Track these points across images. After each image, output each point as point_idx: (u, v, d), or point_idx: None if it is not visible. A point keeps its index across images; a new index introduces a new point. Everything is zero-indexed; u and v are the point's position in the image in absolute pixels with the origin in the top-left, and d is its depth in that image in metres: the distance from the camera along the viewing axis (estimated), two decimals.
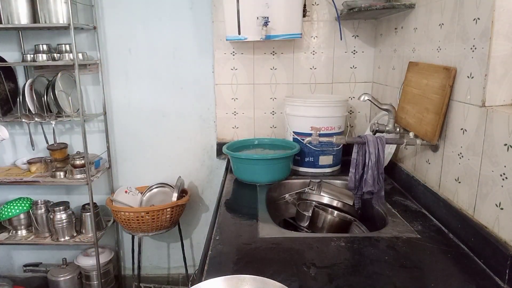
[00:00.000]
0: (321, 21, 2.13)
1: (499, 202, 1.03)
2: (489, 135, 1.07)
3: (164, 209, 2.10)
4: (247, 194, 1.67)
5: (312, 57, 2.18)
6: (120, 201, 2.21)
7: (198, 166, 2.43)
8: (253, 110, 2.25)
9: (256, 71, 2.20)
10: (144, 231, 2.15)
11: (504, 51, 1.06)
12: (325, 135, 1.78)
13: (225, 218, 1.42)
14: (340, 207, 1.58)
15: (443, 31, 1.35)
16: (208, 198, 2.49)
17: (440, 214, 1.32)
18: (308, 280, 1.01)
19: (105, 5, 2.21)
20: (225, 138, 2.29)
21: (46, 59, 2.11)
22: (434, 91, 1.35)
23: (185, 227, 2.49)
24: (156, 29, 2.23)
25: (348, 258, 1.13)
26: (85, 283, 2.41)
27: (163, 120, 2.37)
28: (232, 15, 1.90)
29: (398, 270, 1.05)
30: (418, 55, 1.57)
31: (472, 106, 1.17)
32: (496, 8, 1.05)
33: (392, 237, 1.23)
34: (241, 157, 1.77)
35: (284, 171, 1.80)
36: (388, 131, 1.57)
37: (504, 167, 1.00)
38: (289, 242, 1.22)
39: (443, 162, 1.35)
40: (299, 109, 1.90)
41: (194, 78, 2.30)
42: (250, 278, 0.89)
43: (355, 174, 1.42)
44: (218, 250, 1.18)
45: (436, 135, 1.33)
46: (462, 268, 1.06)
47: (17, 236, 2.32)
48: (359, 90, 2.20)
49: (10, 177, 2.23)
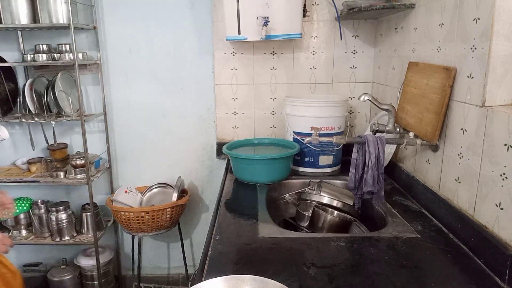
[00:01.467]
0: (321, 21, 2.13)
1: (499, 202, 1.03)
2: (489, 135, 1.07)
3: (164, 209, 2.10)
4: (247, 194, 1.67)
5: (312, 57, 2.18)
6: (120, 201, 2.21)
7: (198, 166, 2.43)
8: (253, 110, 2.25)
9: (256, 71, 2.20)
10: (144, 231, 2.15)
11: (504, 51, 1.06)
12: (325, 135, 1.78)
13: (225, 218, 1.42)
14: (340, 207, 1.58)
15: (443, 31, 1.35)
16: (208, 198, 2.49)
17: (440, 214, 1.32)
18: (308, 280, 1.01)
19: (105, 5, 2.21)
20: (225, 138, 2.29)
21: (46, 59, 2.11)
22: (434, 91, 1.35)
23: (185, 227, 2.49)
24: (156, 29, 2.23)
25: (348, 258, 1.13)
26: (85, 283, 2.41)
27: (163, 120, 2.37)
28: (232, 15, 1.90)
29: (398, 270, 1.05)
30: (418, 55, 1.57)
31: (472, 106, 1.17)
32: (496, 8, 1.05)
33: (392, 237, 1.23)
34: (241, 157, 1.77)
35: (284, 171, 1.80)
36: (388, 131, 1.57)
37: (504, 167, 1.00)
38: (289, 242, 1.22)
39: (443, 162, 1.35)
40: (299, 109, 1.90)
41: (194, 78, 2.30)
42: (250, 278, 0.89)
43: (355, 174, 1.42)
44: (218, 250, 1.18)
45: (436, 135, 1.33)
46: (462, 268, 1.06)
47: (17, 236, 2.32)
48: (359, 90, 2.20)
49: (10, 177, 2.23)
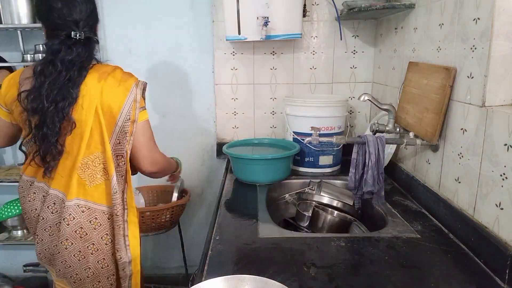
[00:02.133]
0: (321, 21, 2.13)
1: (499, 202, 1.03)
2: (489, 135, 1.07)
3: (164, 209, 2.10)
4: (247, 194, 1.67)
5: (312, 57, 2.18)
6: None
7: (198, 166, 2.43)
8: (253, 110, 2.25)
9: (256, 71, 2.20)
10: (144, 231, 2.15)
11: (504, 51, 1.06)
12: (325, 135, 1.78)
13: (225, 218, 1.42)
14: (340, 207, 1.58)
15: (443, 31, 1.35)
16: (208, 198, 2.49)
17: (440, 214, 1.32)
18: (308, 280, 1.01)
19: (105, 5, 2.21)
20: (225, 138, 2.29)
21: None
22: (434, 91, 1.35)
23: (185, 227, 2.49)
24: (156, 29, 2.23)
25: (348, 258, 1.13)
26: None
27: (163, 120, 2.37)
28: (232, 15, 1.90)
29: (398, 270, 1.05)
30: (418, 55, 1.57)
31: (472, 106, 1.17)
32: (496, 8, 1.05)
33: (392, 237, 1.23)
34: (241, 157, 1.77)
35: (284, 171, 1.80)
36: (388, 131, 1.57)
37: (504, 167, 1.00)
38: (289, 242, 1.22)
39: (443, 162, 1.35)
40: (299, 109, 1.90)
41: (194, 78, 2.29)
42: (250, 278, 0.89)
43: (355, 174, 1.42)
44: (218, 250, 1.18)
45: (436, 135, 1.33)
46: (462, 268, 1.06)
47: (17, 236, 2.32)
48: (359, 90, 2.20)
49: (10, 177, 2.23)
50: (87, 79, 1.25)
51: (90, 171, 1.28)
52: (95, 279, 1.32)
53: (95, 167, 1.28)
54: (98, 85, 1.26)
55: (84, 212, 1.28)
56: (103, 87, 1.26)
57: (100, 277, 1.32)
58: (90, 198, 1.29)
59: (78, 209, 1.27)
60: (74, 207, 1.27)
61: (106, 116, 1.26)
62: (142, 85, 1.35)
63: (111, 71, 1.31)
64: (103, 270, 1.32)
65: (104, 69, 1.31)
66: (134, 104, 1.29)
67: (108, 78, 1.28)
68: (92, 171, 1.28)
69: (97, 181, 1.29)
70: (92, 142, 1.27)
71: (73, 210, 1.27)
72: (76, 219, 1.27)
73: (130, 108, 1.28)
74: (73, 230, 1.27)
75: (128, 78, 1.33)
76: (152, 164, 1.40)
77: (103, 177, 1.29)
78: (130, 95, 1.29)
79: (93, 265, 1.30)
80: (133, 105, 1.29)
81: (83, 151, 1.26)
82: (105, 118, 1.26)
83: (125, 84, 1.30)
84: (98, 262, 1.31)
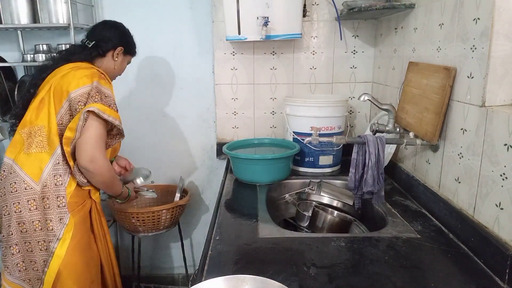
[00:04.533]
0: (321, 21, 2.13)
1: (499, 202, 1.03)
2: (489, 135, 1.07)
3: (164, 209, 2.10)
4: (247, 194, 1.67)
5: (312, 57, 2.18)
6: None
7: (198, 166, 2.43)
8: (253, 110, 2.25)
9: (256, 71, 2.20)
10: (144, 231, 2.15)
11: (504, 51, 1.06)
12: (325, 135, 1.78)
13: (225, 218, 1.42)
14: (340, 207, 1.58)
15: (443, 31, 1.35)
16: (208, 198, 2.49)
17: (440, 214, 1.32)
18: (308, 280, 1.01)
19: (105, 5, 2.21)
20: (225, 138, 2.29)
21: (46, 59, 2.11)
22: (434, 91, 1.35)
23: (185, 227, 2.49)
24: (156, 29, 2.23)
25: (348, 258, 1.13)
26: None
27: (163, 120, 2.37)
28: (232, 15, 1.90)
29: (398, 270, 1.05)
30: (418, 55, 1.57)
31: (472, 106, 1.17)
32: (496, 8, 1.05)
33: (392, 237, 1.23)
34: (241, 157, 1.77)
35: (284, 171, 1.80)
36: (388, 131, 1.57)
37: (504, 167, 1.00)
38: (289, 242, 1.22)
39: (443, 162, 1.35)
40: (299, 109, 1.90)
41: (194, 78, 2.30)
42: (250, 278, 0.89)
43: (355, 174, 1.42)
44: (218, 250, 1.18)
45: (436, 135, 1.33)
46: (462, 268, 1.06)
47: None
48: (359, 90, 2.20)
49: None
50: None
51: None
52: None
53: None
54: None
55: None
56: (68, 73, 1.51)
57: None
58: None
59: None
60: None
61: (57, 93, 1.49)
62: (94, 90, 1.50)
63: (84, 68, 1.56)
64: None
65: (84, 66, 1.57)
66: (88, 94, 1.47)
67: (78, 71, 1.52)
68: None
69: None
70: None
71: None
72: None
73: (84, 93, 1.46)
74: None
75: (92, 78, 1.51)
76: (89, 161, 1.48)
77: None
78: (86, 86, 1.48)
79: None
80: (87, 93, 1.47)
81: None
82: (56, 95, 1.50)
83: (86, 80, 1.50)
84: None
